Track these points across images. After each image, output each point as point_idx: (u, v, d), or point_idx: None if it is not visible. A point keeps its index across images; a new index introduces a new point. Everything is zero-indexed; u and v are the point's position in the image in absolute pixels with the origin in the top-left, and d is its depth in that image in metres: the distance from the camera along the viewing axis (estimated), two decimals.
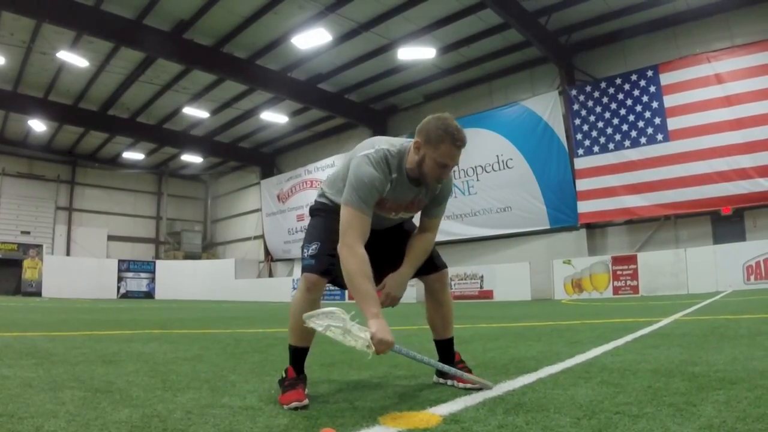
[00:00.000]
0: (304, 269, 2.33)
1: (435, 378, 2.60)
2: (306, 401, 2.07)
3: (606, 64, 16.57)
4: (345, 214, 2.21)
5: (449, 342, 2.60)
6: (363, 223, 2.19)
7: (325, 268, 2.30)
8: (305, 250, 2.37)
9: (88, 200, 30.41)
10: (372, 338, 1.93)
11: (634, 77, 15.33)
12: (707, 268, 13.29)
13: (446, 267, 2.61)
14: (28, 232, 27.98)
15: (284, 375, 2.31)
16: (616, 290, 14.66)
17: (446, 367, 2.37)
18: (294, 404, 2.03)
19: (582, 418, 1.76)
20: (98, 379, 2.74)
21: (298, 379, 2.27)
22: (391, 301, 2.38)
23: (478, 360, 3.24)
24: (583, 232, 16.67)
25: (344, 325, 1.95)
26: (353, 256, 2.13)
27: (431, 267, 2.55)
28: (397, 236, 2.55)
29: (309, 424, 1.80)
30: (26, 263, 26.54)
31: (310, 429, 1.74)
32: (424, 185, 2.37)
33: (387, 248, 2.48)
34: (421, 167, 2.28)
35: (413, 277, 2.49)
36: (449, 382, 2.47)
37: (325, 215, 2.44)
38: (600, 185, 15.80)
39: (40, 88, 20.77)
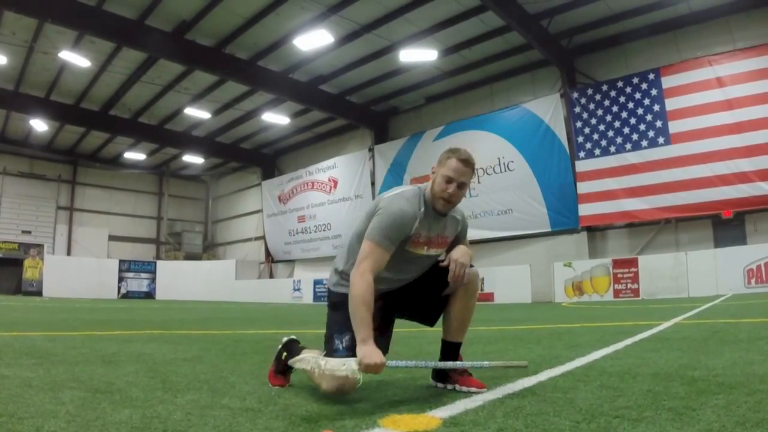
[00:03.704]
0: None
1: (432, 382, 2.60)
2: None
3: (607, 67, 16.58)
4: (365, 246, 2.34)
5: (458, 346, 2.60)
6: (381, 257, 2.32)
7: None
8: (337, 341, 2.39)
9: (89, 200, 30.45)
10: (360, 364, 2.06)
11: (635, 80, 15.34)
12: (708, 272, 13.28)
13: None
14: (29, 232, 28.01)
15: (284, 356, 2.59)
16: (616, 293, 14.66)
17: (449, 364, 2.40)
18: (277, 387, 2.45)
19: (581, 421, 1.76)
20: (98, 379, 2.74)
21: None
22: (459, 267, 2.42)
23: None
24: (583, 234, 16.67)
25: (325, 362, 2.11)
26: (362, 282, 2.25)
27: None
28: (428, 274, 2.61)
29: (309, 426, 1.80)
30: (27, 263, 26.58)
31: (310, 431, 1.74)
32: (446, 215, 2.50)
33: (420, 287, 2.60)
34: (433, 188, 2.45)
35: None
36: (449, 385, 2.47)
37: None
38: (601, 188, 15.80)
39: (41, 87, 20.81)
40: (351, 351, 2.27)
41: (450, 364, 2.38)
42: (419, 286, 2.60)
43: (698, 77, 14.26)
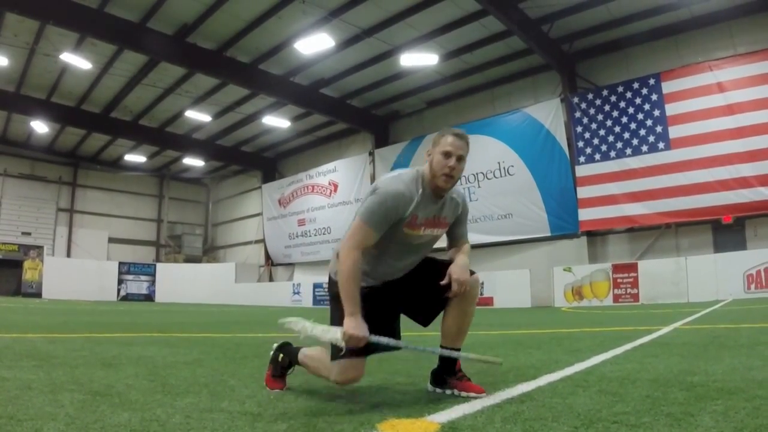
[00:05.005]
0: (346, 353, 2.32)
1: (429, 387, 2.60)
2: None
3: (608, 71, 16.60)
4: (355, 224, 2.38)
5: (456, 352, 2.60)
6: (367, 235, 2.35)
7: (365, 349, 2.34)
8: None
9: (90, 202, 30.44)
10: (344, 334, 2.15)
11: (635, 85, 15.35)
12: (708, 277, 13.27)
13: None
14: (29, 233, 27.99)
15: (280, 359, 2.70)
16: (616, 298, 14.64)
17: (428, 349, 2.46)
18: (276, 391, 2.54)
19: (580, 427, 1.76)
20: (97, 382, 2.74)
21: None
22: (461, 285, 2.40)
23: (477, 367, 3.24)
24: (583, 239, 16.65)
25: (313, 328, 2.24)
26: (349, 258, 2.32)
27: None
28: (426, 270, 2.58)
29: (307, 430, 1.80)
30: (27, 264, 26.57)
31: None
32: (443, 197, 2.49)
33: (421, 283, 2.56)
34: (431, 168, 2.45)
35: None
36: (447, 390, 2.48)
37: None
38: (601, 193, 15.80)
39: (43, 89, 20.84)
40: None
41: (429, 349, 2.43)
42: (421, 282, 2.56)
43: (699, 82, 14.27)
